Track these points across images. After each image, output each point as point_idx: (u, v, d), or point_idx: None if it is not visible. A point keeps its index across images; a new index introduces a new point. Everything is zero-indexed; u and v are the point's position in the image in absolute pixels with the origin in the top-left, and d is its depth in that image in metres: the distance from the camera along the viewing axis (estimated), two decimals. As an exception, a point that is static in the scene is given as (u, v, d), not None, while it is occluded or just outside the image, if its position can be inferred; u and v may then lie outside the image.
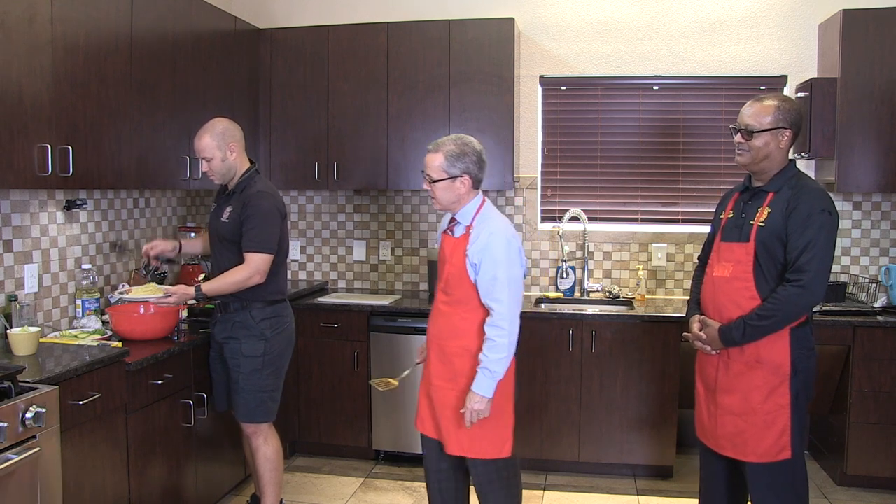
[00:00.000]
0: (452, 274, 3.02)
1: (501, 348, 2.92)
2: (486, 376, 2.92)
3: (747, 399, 2.90)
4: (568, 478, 4.42)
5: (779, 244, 2.84)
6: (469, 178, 3.01)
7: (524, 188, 5.04)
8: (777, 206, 2.87)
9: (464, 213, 3.07)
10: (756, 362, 2.89)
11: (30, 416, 2.43)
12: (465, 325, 3.03)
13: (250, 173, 3.52)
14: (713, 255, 3.08)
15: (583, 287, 4.92)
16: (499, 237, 2.96)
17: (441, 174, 3.01)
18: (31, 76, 2.96)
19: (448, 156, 3.00)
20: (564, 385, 4.36)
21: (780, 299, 2.80)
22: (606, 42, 4.88)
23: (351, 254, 5.34)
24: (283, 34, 4.92)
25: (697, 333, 3.04)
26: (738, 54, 4.75)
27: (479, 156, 3.04)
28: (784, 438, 2.87)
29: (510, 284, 2.93)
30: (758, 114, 2.93)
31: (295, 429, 4.72)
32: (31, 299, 3.52)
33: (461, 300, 3.03)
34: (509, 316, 2.92)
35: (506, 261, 2.94)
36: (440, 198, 3.05)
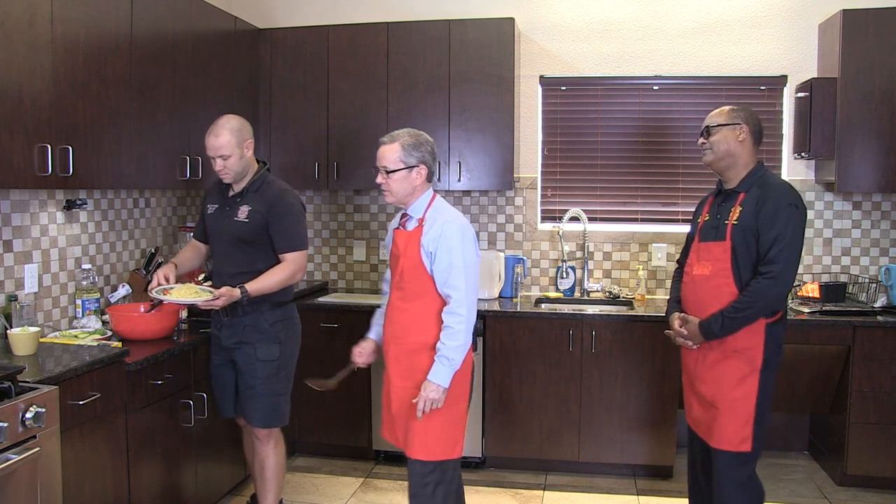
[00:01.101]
0: (407, 267, 3.00)
1: (459, 335, 2.90)
2: (443, 364, 2.89)
3: (719, 386, 3.08)
4: (568, 478, 4.42)
5: (752, 240, 3.02)
6: (425, 169, 3.01)
7: (524, 188, 5.04)
8: (748, 205, 3.05)
9: (416, 207, 3.06)
10: (732, 351, 3.05)
11: (30, 416, 2.42)
12: (421, 319, 3.00)
13: (263, 171, 3.48)
14: (692, 255, 3.25)
15: (583, 287, 4.92)
16: (453, 225, 2.96)
17: (398, 164, 2.98)
18: (31, 76, 2.96)
19: (405, 146, 2.98)
20: (564, 385, 4.36)
21: (753, 291, 2.98)
22: (606, 42, 4.88)
23: (351, 254, 5.34)
24: (283, 34, 4.92)
25: (679, 330, 3.21)
26: (738, 54, 4.75)
27: (433, 148, 3.05)
28: (746, 430, 3.03)
29: (466, 270, 2.92)
30: (715, 115, 3.20)
31: (295, 429, 4.71)
32: (31, 299, 3.52)
33: (417, 293, 3.00)
34: (466, 302, 2.91)
35: (461, 247, 2.93)
36: (395, 190, 3.02)
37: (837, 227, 4.76)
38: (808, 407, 4.42)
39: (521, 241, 5.08)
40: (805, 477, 4.42)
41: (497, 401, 4.44)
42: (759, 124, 3.17)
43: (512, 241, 5.09)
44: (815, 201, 4.76)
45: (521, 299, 4.79)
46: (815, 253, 4.79)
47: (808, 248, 4.78)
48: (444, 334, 2.91)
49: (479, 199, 5.11)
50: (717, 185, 3.28)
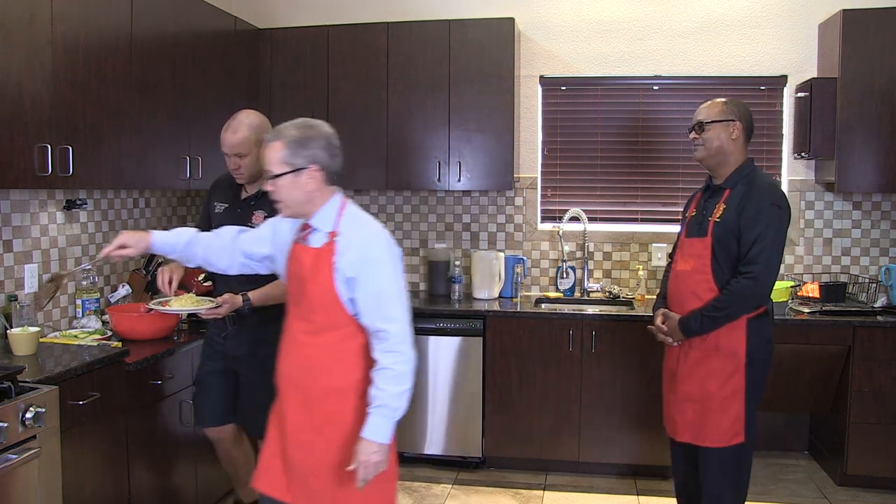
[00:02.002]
0: (317, 295, 2.40)
1: (403, 378, 2.35)
2: (384, 416, 2.33)
3: (704, 385, 3.07)
4: (568, 478, 4.41)
5: (733, 239, 3.01)
6: (319, 170, 2.42)
7: (524, 188, 5.04)
8: (731, 203, 3.04)
9: (321, 218, 2.46)
10: (714, 350, 3.05)
11: (30, 416, 2.42)
12: (332, 356, 2.42)
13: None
14: (678, 250, 3.26)
15: (583, 287, 4.92)
16: (378, 242, 2.42)
17: (282, 167, 2.39)
18: (31, 76, 2.96)
19: (289, 143, 2.40)
20: (564, 385, 4.36)
21: (732, 291, 2.98)
22: (606, 42, 4.88)
23: (351, 254, 5.32)
24: (283, 34, 4.91)
25: (660, 326, 3.21)
26: (738, 54, 4.75)
27: (329, 141, 2.46)
28: (738, 425, 3.04)
29: (401, 296, 2.41)
30: (707, 109, 3.16)
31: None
32: (31, 299, 3.51)
33: (329, 326, 2.42)
34: (407, 336, 2.38)
35: (391, 269, 2.41)
36: (286, 199, 2.43)
37: (837, 227, 4.76)
38: (808, 407, 4.42)
39: (521, 241, 5.08)
40: (805, 477, 4.42)
41: (497, 401, 4.44)
42: (751, 120, 3.16)
43: (512, 241, 5.09)
44: (815, 201, 4.76)
45: (521, 299, 4.79)
46: (815, 253, 4.79)
47: (807, 248, 4.78)
48: (381, 379, 2.34)
49: (479, 199, 5.11)
50: (706, 181, 3.27)
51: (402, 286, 2.43)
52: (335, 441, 2.39)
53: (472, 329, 4.44)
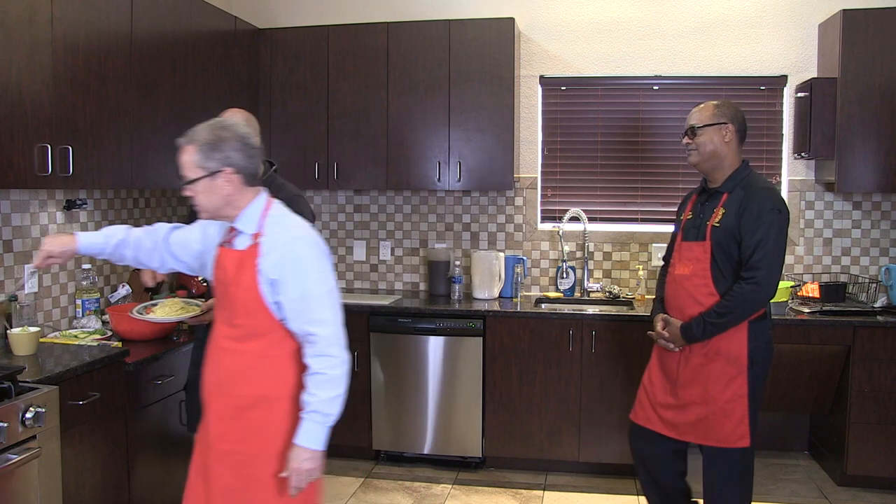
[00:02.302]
0: (241, 299, 2.30)
1: (336, 383, 2.27)
2: (317, 423, 2.26)
3: (707, 389, 3.08)
4: (568, 478, 4.42)
5: (733, 243, 3.01)
6: (234, 172, 2.29)
7: (524, 188, 5.04)
8: (731, 207, 3.04)
9: (246, 219, 2.36)
10: (715, 354, 3.06)
11: (30, 416, 2.43)
12: (259, 364, 2.31)
13: (270, 173, 3.23)
14: (675, 254, 3.25)
15: (583, 287, 4.92)
16: (303, 241, 2.33)
17: (196, 171, 2.28)
18: (31, 76, 2.96)
19: (201, 146, 2.28)
20: (564, 385, 4.36)
21: (735, 296, 2.97)
22: (606, 42, 4.88)
23: (351, 254, 5.33)
24: (283, 34, 4.92)
25: (661, 332, 3.20)
26: (738, 54, 4.75)
27: (245, 141, 2.32)
28: (742, 427, 3.04)
29: (330, 297, 2.31)
30: (699, 113, 3.16)
31: (295, 429, 4.71)
32: (31, 299, 3.52)
33: (256, 332, 2.31)
34: (338, 339, 2.28)
35: (317, 269, 2.31)
36: (204, 203, 2.33)
37: (837, 227, 4.76)
38: (808, 407, 4.42)
39: (521, 241, 5.08)
40: (805, 477, 4.42)
41: (497, 400, 4.44)
42: (743, 122, 3.16)
43: (512, 241, 5.09)
44: (815, 201, 4.77)
45: (521, 299, 4.79)
46: (815, 253, 4.79)
47: (807, 248, 4.78)
48: (312, 384, 2.26)
49: (479, 200, 5.11)
50: (701, 183, 3.27)
51: (331, 287, 2.32)
52: (259, 453, 2.30)
53: (472, 329, 4.44)
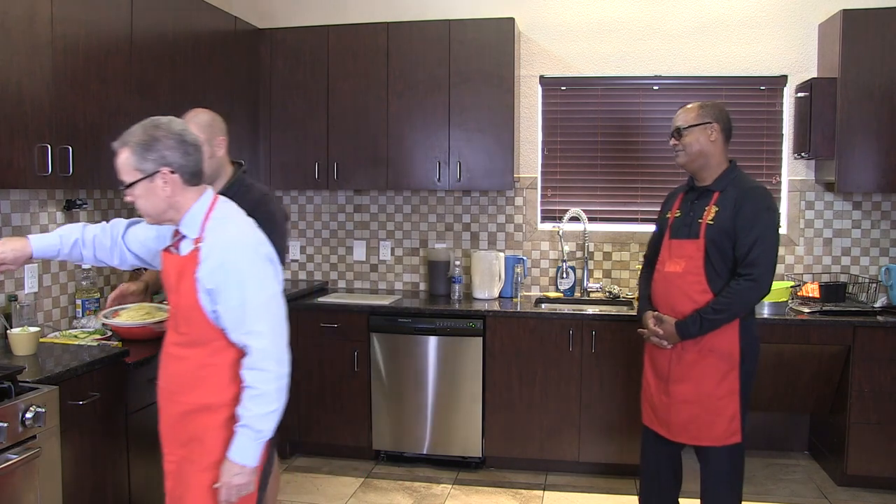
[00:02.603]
0: (182, 307, 2.24)
1: (269, 398, 2.18)
2: (249, 438, 2.17)
3: (700, 386, 3.10)
4: (568, 478, 4.42)
5: (727, 241, 3.05)
6: (171, 172, 2.20)
7: (524, 188, 5.04)
8: (724, 205, 3.08)
9: (188, 222, 2.26)
10: (708, 351, 3.09)
11: (30, 416, 2.42)
12: (205, 373, 2.25)
13: (239, 174, 3.08)
14: (664, 252, 3.26)
15: (583, 287, 4.92)
16: (239, 247, 2.21)
17: (133, 174, 2.20)
18: (31, 76, 2.96)
19: (135, 148, 2.20)
20: (565, 385, 4.36)
21: (733, 293, 3.02)
22: (606, 42, 4.88)
23: (351, 254, 5.33)
24: (283, 34, 4.92)
25: (654, 329, 3.21)
26: (738, 54, 4.75)
27: (181, 138, 2.22)
28: (734, 423, 3.10)
29: (269, 307, 2.20)
30: (684, 114, 3.21)
31: (295, 429, 4.71)
32: (31, 299, 3.52)
33: (198, 340, 2.25)
34: (275, 352, 2.19)
35: (256, 277, 2.19)
36: (145, 208, 2.25)
37: (837, 227, 4.76)
38: (808, 407, 4.42)
39: (521, 241, 5.08)
40: (805, 477, 4.42)
41: (497, 401, 4.44)
42: (728, 121, 3.20)
43: (512, 241, 5.09)
44: (815, 201, 4.77)
45: (521, 299, 4.79)
46: (815, 253, 4.79)
47: (807, 248, 4.78)
48: (246, 397, 2.18)
49: (479, 199, 5.11)
50: (688, 182, 3.31)
51: (270, 295, 2.21)
52: (199, 461, 2.24)
53: (472, 329, 4.44)
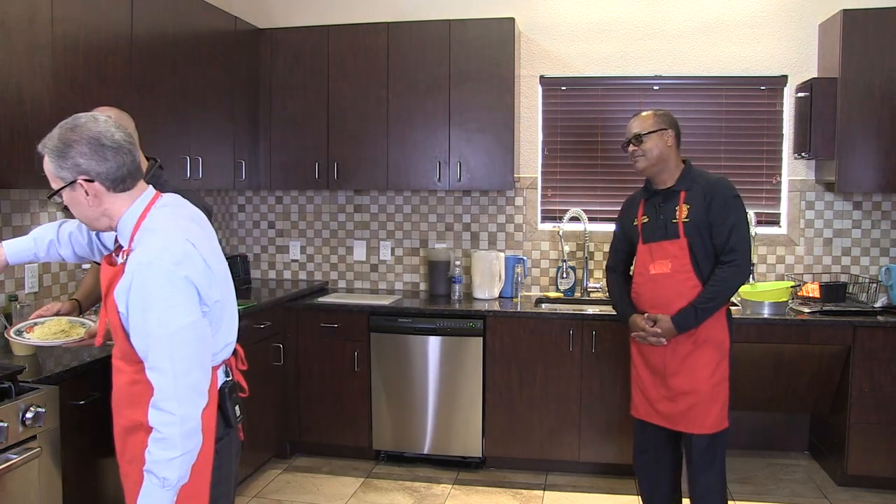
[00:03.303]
0: (110, 321, 2.07)
1: (170, 444, 1.89)
2: (152, 484, 1.91)
3: (695, 377, 3.24)
4: (568, 478, 4.41)
5: (706, 233, 3.21)
6: (89, 180, 1.97)
7: (524, 188, 5.04)
8: (694, 201, 3.23)
9: (121, 230, 2.06)
10: (703, 342, 3.23)
11: (30, 417, 2.42)
12: (137, 389, 2.05)
13: (154, 170, 2.96)
14: (643, 256, 3.37)
15: (583, 287, 4.92)
16: (151, 268, 1.91)
17: (56, 182, 2.00)
18: (31, 76, 2.96)
19: (51, 154, 1.98)
20: (565, 385, 4.36)
21: (720, 280, 3.18)
22: (606, 42, 4.88)
23: (351, 254, 5.33)
24: (283, 34, 4.92)
25: (652, 329, 3.28)
26: (739, 54, 4.75)
27: (97, 142, 1.96)
28: (724, 410, 3.25)
29: (173, 341, 1.91)
30: (641, 122, 3.35)
31: (295, 429, 4.71)
32: (32, 299, 3.52)
33: (128, 356, 2.07)
34: (176, 393, 1.90)
35: (163, 305, 1.91)
36: (79, 216, 2.08)
37: (838, 227, 4.76)
38: (808, 407, 4.41)
39: (521, 241, 5.08)
40: (805, 477, 4.42)
41: (497, 400, 4.44)
42: (678, 127, 3.37)
43: (512, 241, 5.09)
44: (815, 201, 4.77)
45: (521, 299, 4.79)
46: (815, 253, 4.79)
47: (808, 248, 4.79)
48: (150, 439, 1.92)
49: (479, 199, 5.11)
50: (645, 186, 3.44)
51: (179, 328, 1.91)
52: (139, 480, 1.97)
53: (472, 329, 4.44)
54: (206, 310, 2.02)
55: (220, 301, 2.09)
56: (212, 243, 2.16)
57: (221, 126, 4.52)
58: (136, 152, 2.05)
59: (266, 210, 5.46)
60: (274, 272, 5.48)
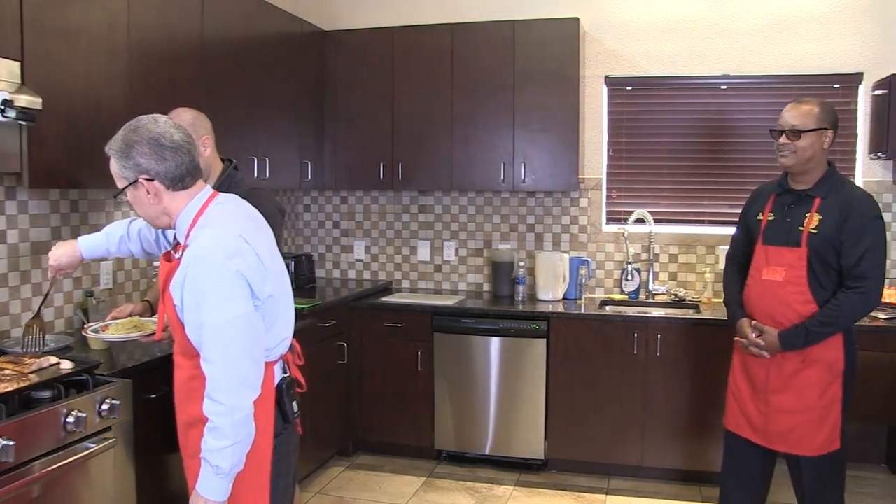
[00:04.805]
0: (169, 317, 2.14)
1: (221, 433, 1.96)
2: (207, 472, 1.99)
3: (802, 396, 3.00)
4: (631, 482, 4.36)
5: (832, 250, 2.92)
6: (149, 179, 2.06)
7: (589, 189, 5.00)
8: (828, 213, 2.93)
9: (179, 227, 2.14)
10: (812, 361, 2.99)
11: (105, 408, 2.51)
12: (196, 384, 2.10)
13: (229, 171, 2.99)
14: (759, 258, 3.12)
15: (648, 289, 4.86)
16: (204, 261, 1.98)
17: (120, 181, 2.11)
18: (109, 81, 3.07)
19: (116, 155, 2.09)
20: (628, 388, 4.31)
21: (842, 305, 2.90)
22: (673, 41, 4.81)
23: (415, 254, 5.37)
24: (349, 36, 4.98)
25: (755, 340, 3.08)
26: (811, 52, 4.62)
27: (157, 142, 2.05)
28: (835, 431, 3.00)
29: (224, 333, 1.97)
30: (803, 115, 2.98)
31: (357, 427, 4.76)
32: (107, 295, 3.63)
33: (187, 351, 2.13)
34: (226, 383, 1.96)
35: (215, 297, 1.97)
36: (141, 213, 2.18)
37: (916, 230, 4.60)
38: (884, 417, 4.26)
39: (585, 242, 5.04)
40: (882, 491, 4.26)
41: (559, 402, 4.41)
42: (838, 124, 3.05)
43: (576, 243, 5.05)
44: (892, 203, 4.61)
45: (585, 301, 4.75)
46: (891, 257, 4.62)
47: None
48: (206, 428, 1.99)
49: (543, 200, 5.09)
50: (780, 181, 3.14)
51: (230, 319, 1.97)
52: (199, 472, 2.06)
53: (535, 330, 4.42)
54: (258, 304, 2.07)
55: (273, 296, 2.14)
56: (267, 240, 2.22)
57: (288, 127, 4.60)
58: (194, 152, 2.13)
59: (331, 210, 5.54)
60: (338, 272, 5.55)
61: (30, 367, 2.46)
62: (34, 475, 2.23)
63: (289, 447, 2.32)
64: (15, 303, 3.18)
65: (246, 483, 2.09)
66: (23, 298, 3.21)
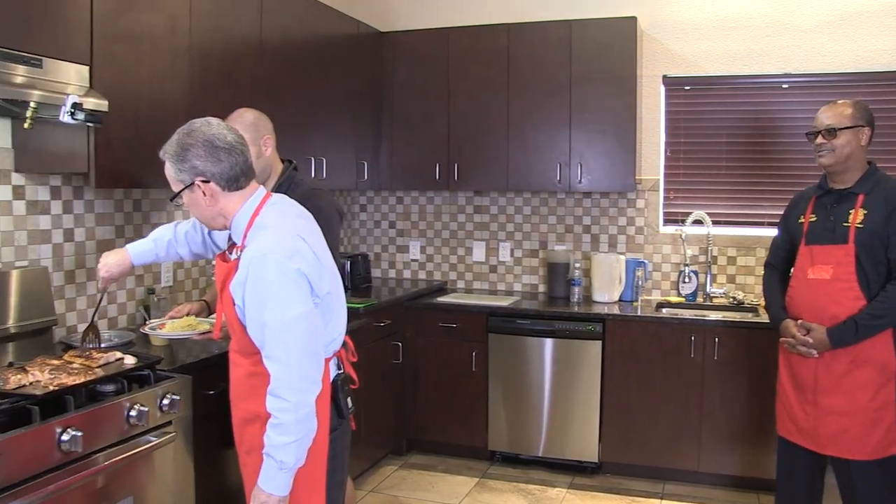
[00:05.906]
0: (227, 316, 2.19)
1: (285, 429, 1.99)
2: (271, 467, 2.02)
3: (853, 399, 2.95)
4: (686, 487, 4.29)
5: (879, 244, 2.92)
6: (205, 181, 2.10)
7: (646, 190, 4.94)
8: (873, 207, 2.95)
9: (235, 228, 2.17)
10: (862, 362, 2.95)
11: (166, 403, 2.57)
12: (255, 381, 2.15)
13: (290, 172, 2.97)
14: (803, 259, 3.11)
15: (706, 292, 4.78)
16: (265, 261, 2.02)
17: (176, 185, 2.14)
18: (171, 82, 3.15)
19: (171, 158, 2.12)
20: (685, 392, 4.25)
21: (892, 297, 2.88)
22: (733, 39, 4.72)
23: (470, 254, 5.37)
24: (405, 37, 5.01)
25: (803, 338, 3.05)
26: (878, 48, 4.48)
27: (212, 144, 2.08)
28: (891, 434, 2.93)
29: (288, 331, 2.01)
30: (838, 114, 3.04)
31: (411, 427, 4.79)
32: (167, 292, 3.72)
33: (245, 349, 2.19)
34: (290, 381, 2.00)
35: (278, 296, 2.01)
36: (196, 215, 2.23)
37: None
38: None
39: (642, 243, 4.98)
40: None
41: (614, 405, 4.37)
42: (874, 121, 3.07)
43: (633, 244, 5.00)
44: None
45: (641, 303, 4.70)
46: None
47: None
48: (269, 424, 2.03)
49: (599, 201, 5.05)
50: (820, 183, 3.16)
51: (293, 318, 2.00)
52: (255, 475, 2.09)
53: (591, 332, 4.39)
54: (317, 301, 2.11)
55: (330, 293, 2.19)
56: (320, 238, 2.26)
57: (344, 127, 4.65)
58: (247, 153, 2.16)
59: (387, 210, 5.58)
60: (394, 271, 5.59)
61: (97, 362, 2.53)
62: (99, 466, 2.29)
63: (344, 442, 2.37)
64: (81, 299, 3.28)
65: (303, 477, 2.12)
66: (89, 295, 3.32)
